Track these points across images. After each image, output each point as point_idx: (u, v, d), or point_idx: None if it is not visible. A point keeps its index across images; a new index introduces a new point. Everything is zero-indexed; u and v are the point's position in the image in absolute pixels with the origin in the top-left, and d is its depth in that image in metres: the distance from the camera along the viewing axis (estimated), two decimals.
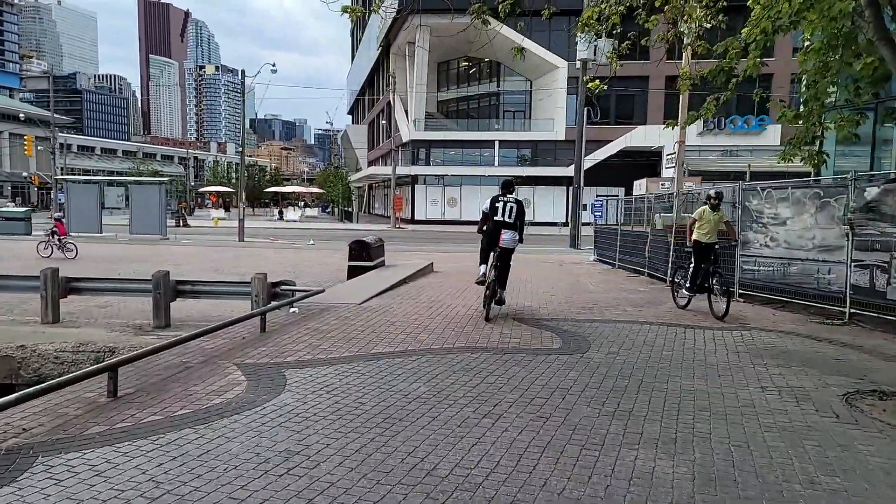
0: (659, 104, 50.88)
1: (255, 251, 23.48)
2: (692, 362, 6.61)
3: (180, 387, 5.40)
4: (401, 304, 10.48)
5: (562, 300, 11.42)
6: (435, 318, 9.23)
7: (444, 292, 12.26)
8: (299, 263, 19.32)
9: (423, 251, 24.43)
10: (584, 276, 16.36)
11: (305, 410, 4.84)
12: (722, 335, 8.11)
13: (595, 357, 6.77)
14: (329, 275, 16.60)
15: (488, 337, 7.80)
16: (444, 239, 35.42)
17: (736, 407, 5.09)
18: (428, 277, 15.27)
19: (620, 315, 9.78)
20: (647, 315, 9.84)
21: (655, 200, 16.53)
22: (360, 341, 7.40)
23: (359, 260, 15.51)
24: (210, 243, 27.98)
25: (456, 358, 6.60)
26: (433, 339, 7.59)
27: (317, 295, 10.15)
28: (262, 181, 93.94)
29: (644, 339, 7.76)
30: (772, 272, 10.83)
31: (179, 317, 11.73)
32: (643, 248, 16.38)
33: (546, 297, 11.73)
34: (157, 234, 28.64)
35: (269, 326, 8.09)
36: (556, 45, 51.29)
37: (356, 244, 15.65)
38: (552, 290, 12.90)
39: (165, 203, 29.79)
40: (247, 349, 6.91)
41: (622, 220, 18.57)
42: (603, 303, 11.17)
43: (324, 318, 8.90)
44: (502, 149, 53.91)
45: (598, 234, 20.75)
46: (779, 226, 10.63)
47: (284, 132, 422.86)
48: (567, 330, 8.32)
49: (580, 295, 12.27)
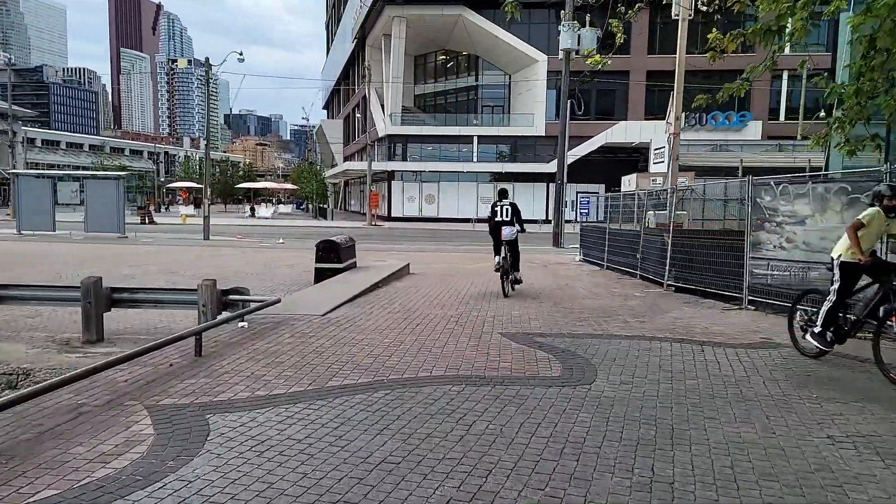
0: (640, 99, 50.02)
1: (219, 251, 21.91)
2: (726, 396, 5.34)
3: (59, 448, 3.98)
4: (371, 315, 9.11)
5: (552, 308, 10.14)
6: (409, 332, 7.89)
7: (420, 298, 10.92)
8: (264, 264, 17.84)
9: (399, 250, 23.05)
10: (573, 278, 15.12)
11: (223, 489, 3.46)
12: (748, 355, 6.87)
13: (605, 390, 5.47)
14: (295, 278, 15.17)
15: (473, 360, 6.47)
16: (422, 237, 34.05)
17: (808, 472, 3.82)
18: (404, 280, 13.92)
19: (622, 327, 8.52)
20: (651, 327, 8.59)
21: (647, 197, 15.37)
22: (316, 369, 6.02)
23: (327, 262, 14.10)
24: (172, 242, 26.29)
25: (434, 394, 5.26)
26: (406, 364, 6.24)
27: (272, 305, 8.74)
28: (234, 177, 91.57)
29: (658, 362, 6.49)
30: (787, 277, 9.66)
31: (116, 329, 10.24)
32: (633, 249, 15.21)
33: (535, 305, 10.45)
34: (115, 232, 26.83)
35: (208, 348, 6.68)
36: (536, 39, 50.14)
37: (324, 244, 14.23)
38: (540, 296, 11.62)
39: (124, 199, 27.97)
40: (171, 382, 5.50)
41: (610, 219, 17.39)
42: (599, 311, 9.91)
43: (277, 336, 7.50)
44: (481, 144, 52.63)
45: (585, 232, 19.57)
46: (796, 225, 9.46)
47: (260, 128, 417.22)
48: (565, 349, 7.02)
49: (572, 301, 11.00)
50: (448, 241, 31.60)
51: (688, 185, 13.40)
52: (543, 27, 50.33)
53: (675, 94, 14.72)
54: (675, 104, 14.75)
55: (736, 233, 10.96)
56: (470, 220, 45.62)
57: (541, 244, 28.60)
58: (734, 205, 12.60)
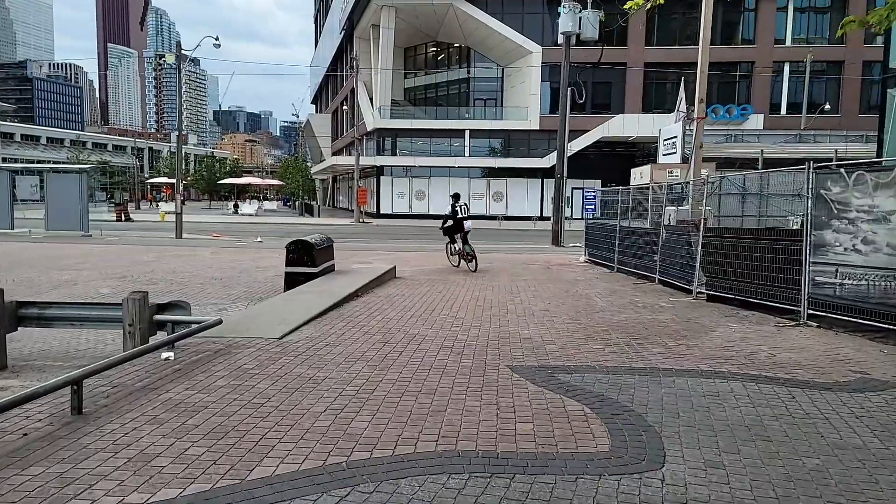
0: (638, 92, 48.20)
1: (188, 251, 19.84)
2: (879, 490, 3.40)
3: None
4: (341, 338, 7.14)
5: (570, 326, 8.19)
6: (388, 365, 5.93)
7: (406, 312, 8.95)
8: (233, 267, 15.81)
9: (386, 250, 21.08)
10: (582, 283, 13.19)
11: None
12: (859, 403, 4.93)
13: (689, 481, 3.50)
14: (264, 284, 13.17)
15: (476, 417, 4.51)
16: (412, 235, 32.05)
17: None
18: (388, 287, 11.95)
19: (665, 355, 6.58)
20: (701, 354, 6.66)
21: (665, 191, 13.44)
22: (244, 439, 4.03)
23: (299, 265, 12.10)
24: (140, 241, 24.20)
25: (418, 495, 3.29)
26: (379, 430, 4.26)
27: (213, 327, 6.74)
28: (220, 173, 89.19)
29: (742, 419, 4.54)
30: (865, 288, 7.75)
31: (29, 352, 8.23)
32: (651, 249, 13.31)
33: (547, 321, 8.50)
34: (77, 229, 24.70)
35: (100, 396, 4.70)
36: (530, 29, 48.19)
37: (296, 246, 12.22)
38: (550, 308, 9.67)
39: (87, 194, 25.79)
40: (9, 469, 3.51)
41: (620, 215, 15.47)
42: (628, 329, 7.96)
43: (208, 374, 5.51)
44: (473, 138, 50.61)
45: (591, 230, 17.64)
46: (877, 223, 7.54)
47: (250, 124, 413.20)
48: (603, 395, 5.07)
49: (590, 315, 9.06)
50: (439, 239, 29.56)
51: (720, 176, 11.46)
52: (537, 17, 48.39)
53: (700, 74, 12.80)
54: (699, 85, 12.82)
55: (788, 232, 9.06)
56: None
57: (539, 242, 26.70)
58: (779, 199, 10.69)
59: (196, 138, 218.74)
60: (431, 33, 53.45)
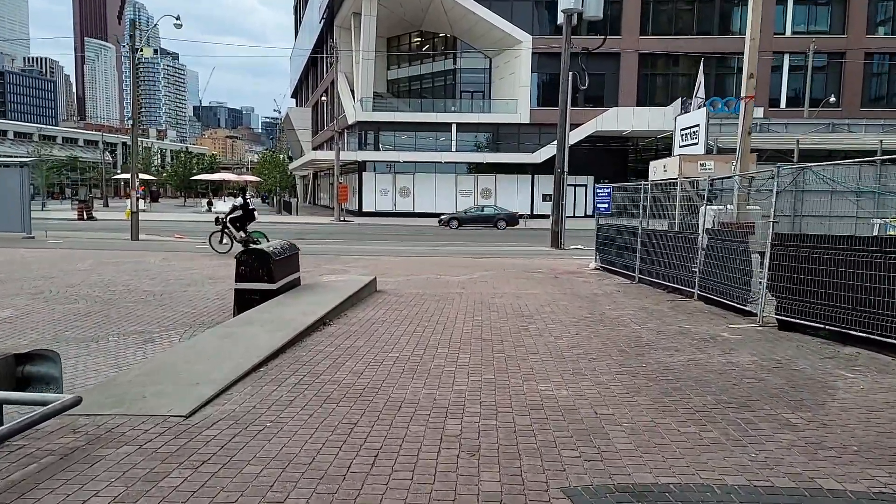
0: (632, 84, 45.98)
1: (135, 257, 17.12)
2: None
3: None
4: (288, 410, 4.60)
5: (620, 378, 5.71)
6: (357, 476, 3.42)
7: (388, 353, 6.42)
8: (181, 278, 13.15)
9: (367, 254, 18.53)
10: (604, 299, 10.76)
11: None
12: None
13: None
14: (213, 302, 10.58)
15: None
16: (396, 235, 29.53)
17: None
18: (366, 308, 9.43)
19: (804, 449, 4.12)
20: (857, 440, 4.24)
21: (707, 186, 11.02)
22: None
23: (253, 280, 9.53)
24: (90, 244, 21.42)
25: None
26: None
27: (73, 406, 4.17)
28: (194, 169, 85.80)
29: None
30: None
31: None
32: (686, 258, 10.94)
33: (585, 368, 6.02)
34: (18, 230, 21.83)
35: None
36: (519, 17, 45.73)
37: (248, 256, 9.64)
38: (581, 343, 7.20)
39: (30, 190, 22.90)
40: None
41: (643, 215, 13.07)
42: (707, 385, 5.51)
43: None
44: (460, 132, 48.09)
45: (603, 233, 15.20)
46: None
47: (231, 120, 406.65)
48: None
49: (641, 357, 6.59)
50: (425, 240, 27.11)
51: (798, 167, 9.02)
52: (527, 4, 45.97)
53: (749, 43, 10.39)
54: (748, 58, 10.40)
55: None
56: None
57: (535, 243, 24.27)
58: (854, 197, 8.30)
59: (175, 134, 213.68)
60: (416, 22, 50.87)
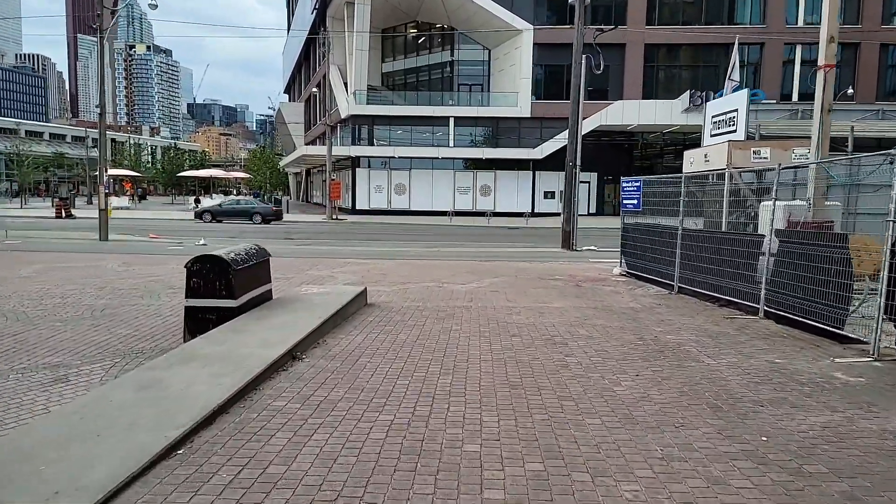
0: (637, 77, 43.99)
1: (93, 261, 15.06)
2: None
3: None
4: None
5: (732, 459, 3.73)
6: None
7: (377, 409, 4.34)
8: (136, 287, 11.09)
9: (359, 256, 16.48)
10: (645, 315, 8.76)
11: None
12: None
13: None
14: (165, 319, 8.53)
15: None
16: (391, 235, 27.50)
17: None
18: (352, 330, 7.40)
19: None
20: None
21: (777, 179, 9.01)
22: None
23: (207, 296, 7.51)
24: (53, 244, 19.40)
25: None
26: None
27: None
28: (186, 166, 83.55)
29: None
30: None
31: None
32: (744, 265, 8.96)
33: (667, 441, 4.03)
34: None
35: None
36: (520, 6, 43.67)
37: (201, 265, 7.57)
38: (647, 391, 5.20)
39: None
40: None
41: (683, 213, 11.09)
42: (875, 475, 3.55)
43: None
44: (458, 127, 46.01)
45: (630, 234, 13.21)
46: None
47: (225, 118, 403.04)
48: None
49: (745, 422, 4.61)
50: (422, 239, 25.06)
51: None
52: None
53: (829, 3, 8.41)
54: (828, 19, 8.40)
55: None
56: (447, 214, 39.10)
57: (541, 244, 22.25)
58: None
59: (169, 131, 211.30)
60: (411, 12, 48.76)
